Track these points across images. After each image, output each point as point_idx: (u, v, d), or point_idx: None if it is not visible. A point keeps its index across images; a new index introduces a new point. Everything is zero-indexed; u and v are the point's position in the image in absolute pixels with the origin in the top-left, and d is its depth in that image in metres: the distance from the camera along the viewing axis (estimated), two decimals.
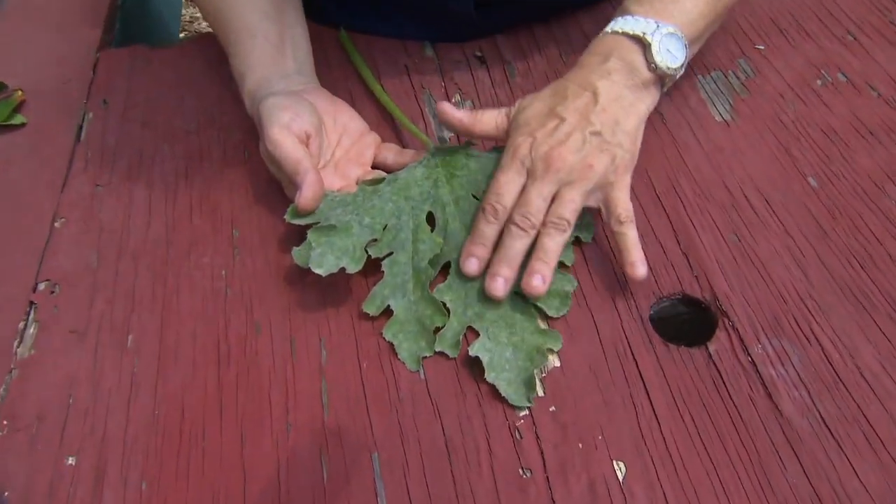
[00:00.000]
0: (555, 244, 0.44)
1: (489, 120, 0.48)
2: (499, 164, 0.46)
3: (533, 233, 0.44)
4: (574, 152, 0.45)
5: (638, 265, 0.43)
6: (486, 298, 0.45)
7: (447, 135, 0.56)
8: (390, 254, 0.47)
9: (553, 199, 0.45)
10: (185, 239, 0.52)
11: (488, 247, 0.46)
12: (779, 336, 0.43)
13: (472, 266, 0.45)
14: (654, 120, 0.55)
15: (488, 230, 0.46)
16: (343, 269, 0.45)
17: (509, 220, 0.45)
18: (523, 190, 0.45)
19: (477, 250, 0.46)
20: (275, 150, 0.48)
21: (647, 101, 0.48)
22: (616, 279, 0.47)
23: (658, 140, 0.54)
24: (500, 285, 0.44)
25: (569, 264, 0.48)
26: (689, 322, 0.45)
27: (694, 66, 0.58)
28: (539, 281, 0.43)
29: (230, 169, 0.57)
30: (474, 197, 0.49)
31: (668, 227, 0.49)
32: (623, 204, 0.45)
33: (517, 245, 0.44)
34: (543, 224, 0.44)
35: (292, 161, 0.47)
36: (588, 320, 0.46)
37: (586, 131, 0.45)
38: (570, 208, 0.44)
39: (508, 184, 0.45)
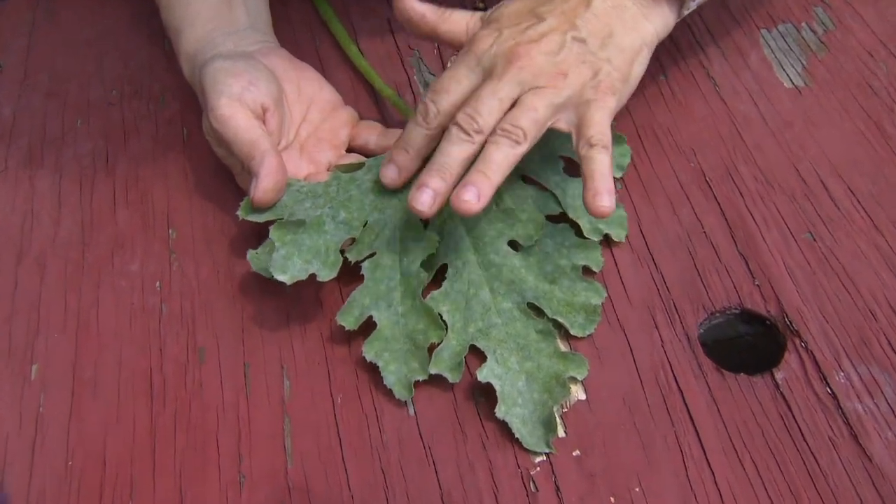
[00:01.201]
0: (503, 157, 0.44)
1: (458, 20, 0.49)
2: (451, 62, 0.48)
3: (479, 140, 0.45)
4: (546, 54, 0.46)
5: (603, 196, 0.43)
6: (492, 310, 0.47)
7: None
8: (372, 255, 0.48)
9: (512, 106, 0.45)
10: (107, 240, 0.53)
11: (412, 154, 0.47)
12: (866, 361, 0.44)
13: (389, 173, 0.47)
14: (704, 86, 0.56)
15: (415, 134, 0.47)
16: (313, 276, 0.46)
17: (452, 122, 0.45)
18: (474, 91, 0.46)
19: (399, 157, 0.47)
20: (222, 128, 0.49)
21: (655, 21, 0.49)
22: (656, 288, 0.48)
23: (709, 111, 0.55)
24: (426, 198, 0.44)
25: (595, 269, 0.49)
26: (749, 344, 0.47)
27: (754, 16, 0.59)
28: (472, 195, 0.43)
29: (164, 151, 0.58)
30: None
31: (721, 223, 0.51)
32: (599, 126, 0.44)
33: (455, 152, 0.45)
34: (493, 132, 0.45)
35: (246, 142, 0.48)
36: (620, 341, 0.47)
37: (567, 35, 0.46)
38: (529, 117, 0.45)
39: (453, 81, 0.46)
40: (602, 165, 0.44)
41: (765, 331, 0.46)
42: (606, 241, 0.51)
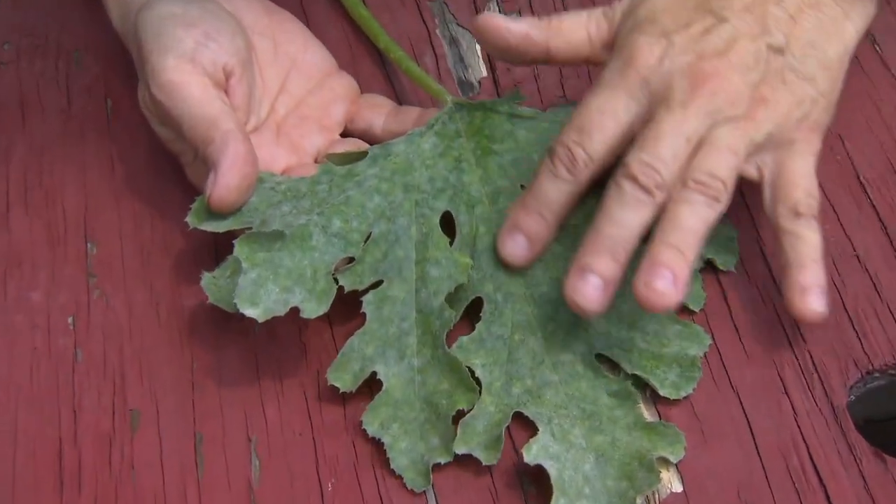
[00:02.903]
0: (700, 221, 0.45)
1: (576, 28, 0.50)
2: (594, 85, 0.49)
3: (661, 199, 0.46)
4: (743, 71, 0.47)
5: (813, 293, 0.45)
6: (546, 364, 0.48)
7: (478, 76, 0.59)
8: (379, 283, 0.50)
9: (698, 146, 0.47)
10: None
11: (549, 220, 0.48)
12: None
13: (517, 248, 0.48)
14: (862, 52, 0.57)
15: (553, 191, 0.48)
16: (295, 311, 0.47)
17: (622, 175, 0.46)
18: (645, 127, 0.47)
19: (529, 223, 0.48)
20: (168, 101, 0.50)
21: (857, 20, 0.51)
22: (784, 335, 0.49)
23: (867, 85, 0.57)
24: (593, 292, 0.45)
25: (695, 308, 0.51)
26: None
27: None
28: (667, 284, 0.44)
29: (80, 132, 0.59)
30: (524, 188, 0.52)
31: (882, 242, 0.52)
32: (805, 184, 0.46)
33: (629, 218, 0.46)
34: (683, 184, 0.46)
35: (200, 120, 0.49)
36: (732, 409, 0.48)
37: (762, 42, 0.48)
38: (729, 163, 0.46)
39: (609, 114, 0.48)
40: (812, 245, 0.46)
41: None
42: (710, 268, 0.52)
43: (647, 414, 0.49)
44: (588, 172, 0.48)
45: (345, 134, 0.57)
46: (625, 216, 0.46)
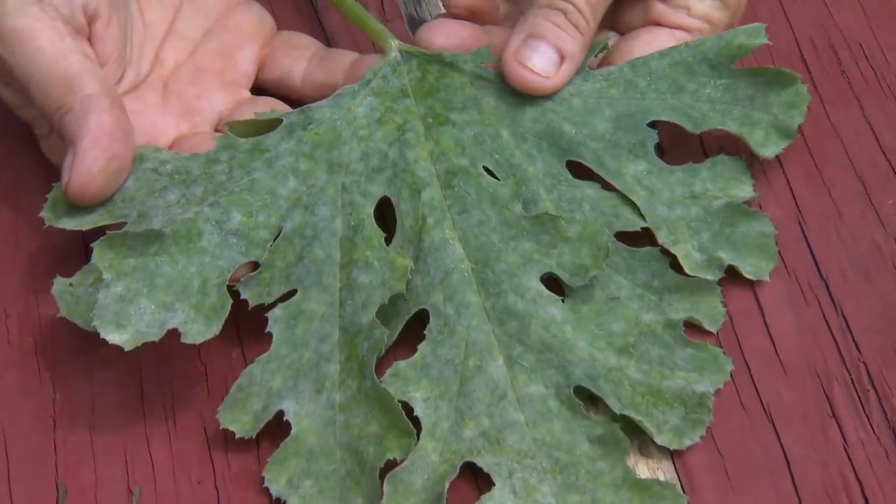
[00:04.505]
0: None
1: None
2: None
3: None
4: None
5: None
6: (508, 398, 0.46)
7: (429, 11, 0.58)
8: (292, 293, 0.48)
9: None
10: None
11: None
12: None
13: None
14: None
15: None
16: (175, 333, 0.45)
17: None
18: None
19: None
20: (11, 56, 0.48)
21: None
22: (834, 344, 0.48)
23: None
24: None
25: (710, 328, 0.49)
26: None
27: None
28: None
29: None
30: (488, 171, 0.50)
31: None
32: None
33: None
34: None
35: (54, 79, 0.47)
36: (765, 438, 0.46)
37: None
38: None
39: None
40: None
41: None
42: (731, 275, 0.50)
43: (640, 466, 0.45)
44: None
45: (255, 89, 0.54)
46: None
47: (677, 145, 0.51)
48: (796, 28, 0.58)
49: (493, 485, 0.44)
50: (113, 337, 0.44)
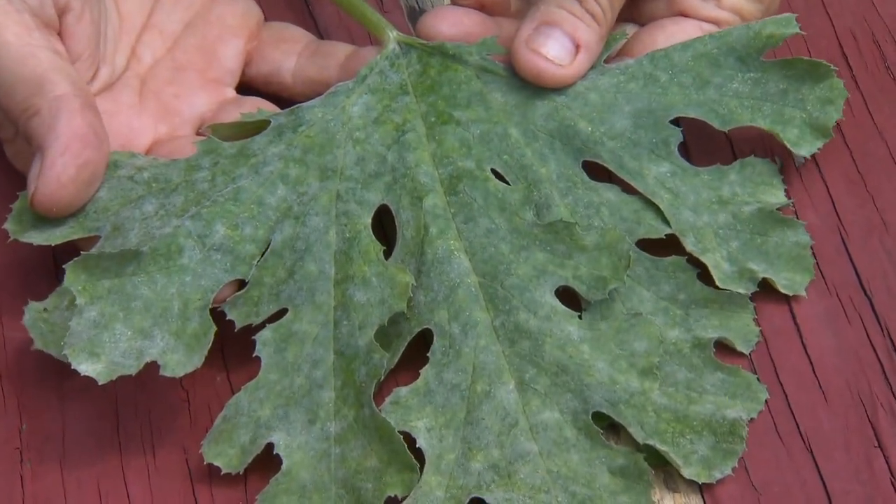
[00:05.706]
0: None
1: None
2: None
3: None
4: None
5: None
6: (520, 426, 0.45)
7: (438, 5, 0.57)
8: (282, 314, 0.47)
9: None
10: None
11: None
12: None
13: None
14: None
15: None
16: (154, 366, 0.44)
17: None
18: None
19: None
20: None
21: None
22: (880, 367, 0.47)
23: None
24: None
25: (742, 348, 0.48)
26: None
27: None
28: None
29: None
30: (496, 174, 0.49)
31: None
32: None
33: None
34: None
35: (20, 80, 0.46)
36: (804, 470, 0.45)
37: None
38: None
39: None
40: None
41: None
42: (764, 289, 0.49)
43: (668, 499, 0.45)
44: None
45: (240, 88, 0.53)
46: None
47: (705, 145, 0.52)
48: (836, 21, 0.57)
49: None
50: (85, 367, 0.43)
